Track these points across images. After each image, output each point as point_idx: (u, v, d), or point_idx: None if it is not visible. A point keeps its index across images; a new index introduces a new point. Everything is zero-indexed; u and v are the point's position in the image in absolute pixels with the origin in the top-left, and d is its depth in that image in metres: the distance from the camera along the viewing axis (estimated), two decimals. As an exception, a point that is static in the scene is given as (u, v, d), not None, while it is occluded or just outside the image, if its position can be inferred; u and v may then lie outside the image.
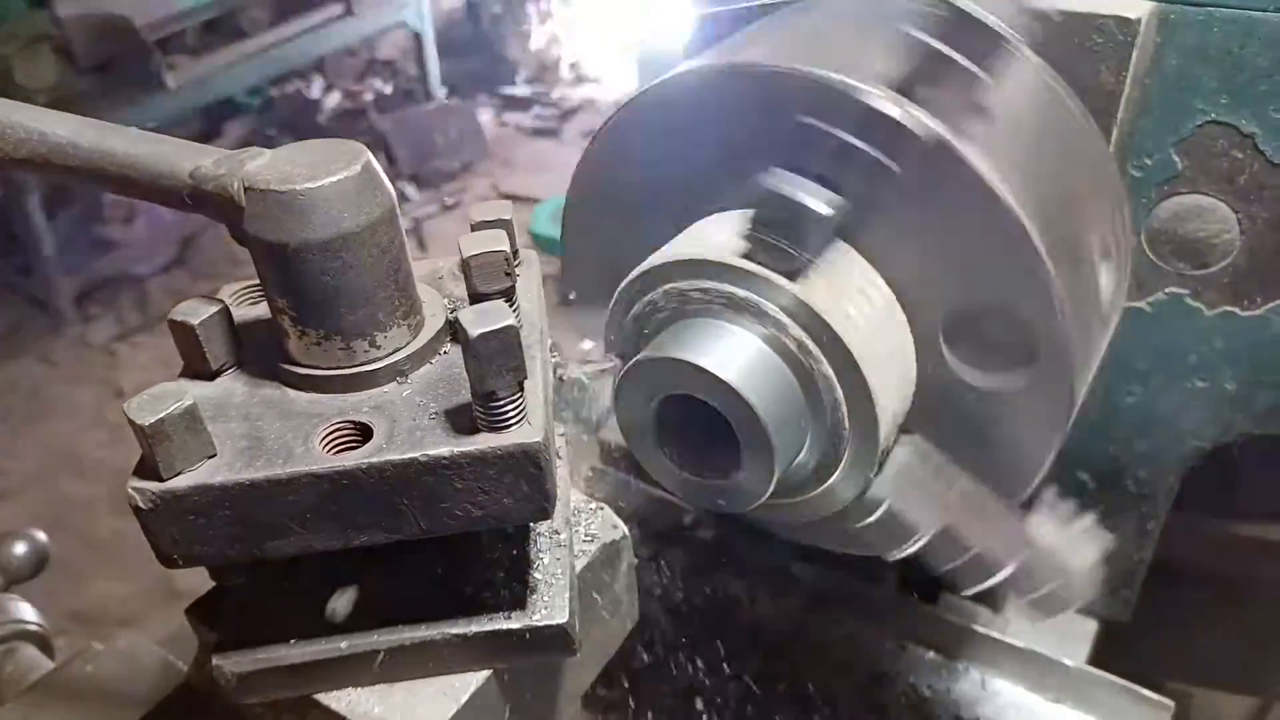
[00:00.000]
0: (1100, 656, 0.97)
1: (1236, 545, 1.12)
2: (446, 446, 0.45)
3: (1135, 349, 0.81)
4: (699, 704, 0.91)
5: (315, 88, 5.82)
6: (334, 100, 5.80)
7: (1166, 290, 0.78)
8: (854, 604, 0.97)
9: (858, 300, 0.59)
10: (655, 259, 0.65)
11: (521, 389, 0.46)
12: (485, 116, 6.11)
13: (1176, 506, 0.93)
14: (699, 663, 0.93)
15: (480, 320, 0.43)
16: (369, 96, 5.78)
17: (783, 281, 0.57)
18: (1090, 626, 0.96)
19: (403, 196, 5.39)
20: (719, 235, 0.63)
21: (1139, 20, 0.67)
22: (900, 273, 0.62)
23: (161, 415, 0.44)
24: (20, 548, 1.11)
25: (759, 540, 0.93)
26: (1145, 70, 0.70)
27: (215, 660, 0.52)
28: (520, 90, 6.36)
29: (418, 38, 5.52)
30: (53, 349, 4.73)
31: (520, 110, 6.26)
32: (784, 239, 0.56)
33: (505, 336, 0.43)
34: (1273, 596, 1.06)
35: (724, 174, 0.65)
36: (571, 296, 0.77)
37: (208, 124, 5.55)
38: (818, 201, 0.55)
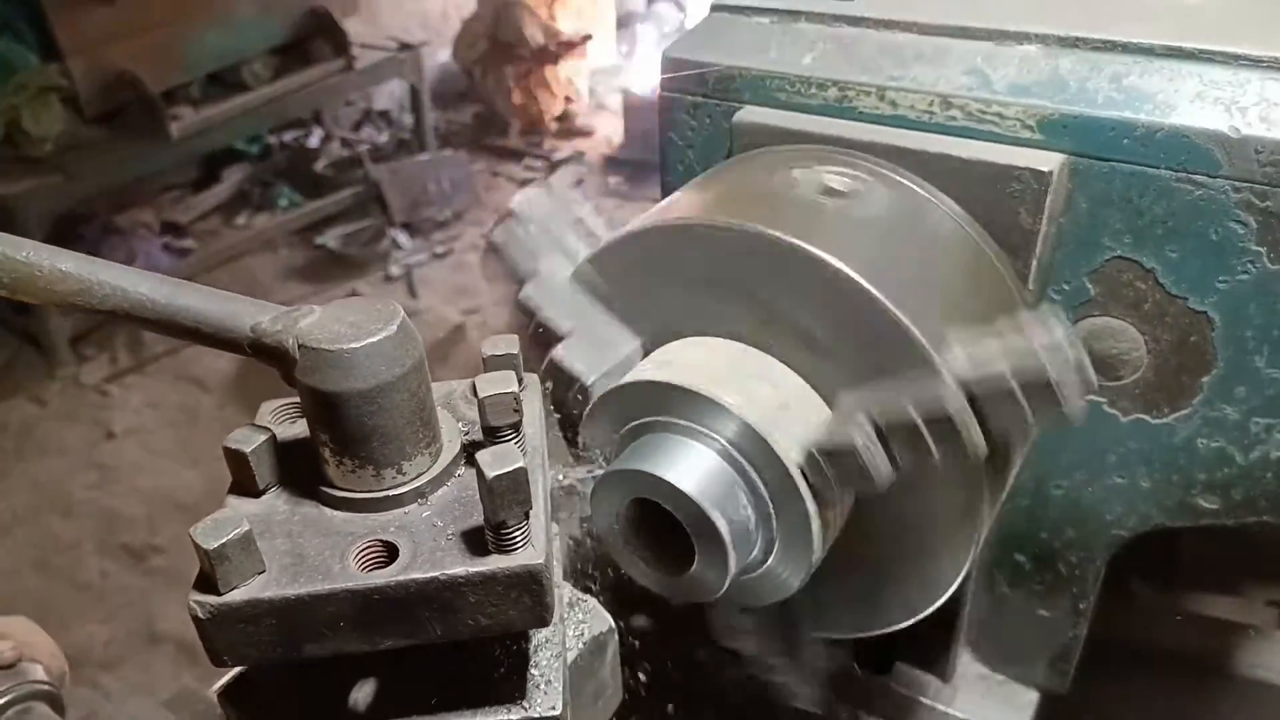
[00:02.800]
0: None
1: (1172, 619, 1.21)
2: (462, 567, 0.53)
3: (1062, 448, 0.90)
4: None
5: (314, 137, 5.94)
6: (332, 150, 5.91)
7: (1086, 399, 0.87)
8: (812, 674, 1.05)
9: (796, 413, 0.68)
10: (629, 378, 0.74)
11: (527, 517, 0.54)
12: (477, 167, 6.24)
13: (1121, 579, 1.02)
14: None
15: (496, 463, 0.51)
16: (365, 146, 5.90)
17: (739, 411, 0.66)
18: (1032, 696, 1.04)
19: (395, 244, 5.49)
20: (691, 361, 0.72)
21: (1051, 172, 0.77)
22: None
23: (223, 541, 0.51)
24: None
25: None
26: (1060, 211, 0.80)
27: (249, 745, 0.59)
28: (512, 142, 6.51)
29: (414, 90, 5.65)
30: (45, 389, 4.77)
31: (512, 161, 6.40)
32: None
33: (516, 477, 0.51)
34: (1203, 666, 1.14)
35: (685, 311, 0.75)
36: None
37: (207, 170, 5.65)
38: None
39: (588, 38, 6.66)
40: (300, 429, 0.63)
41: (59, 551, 3.92)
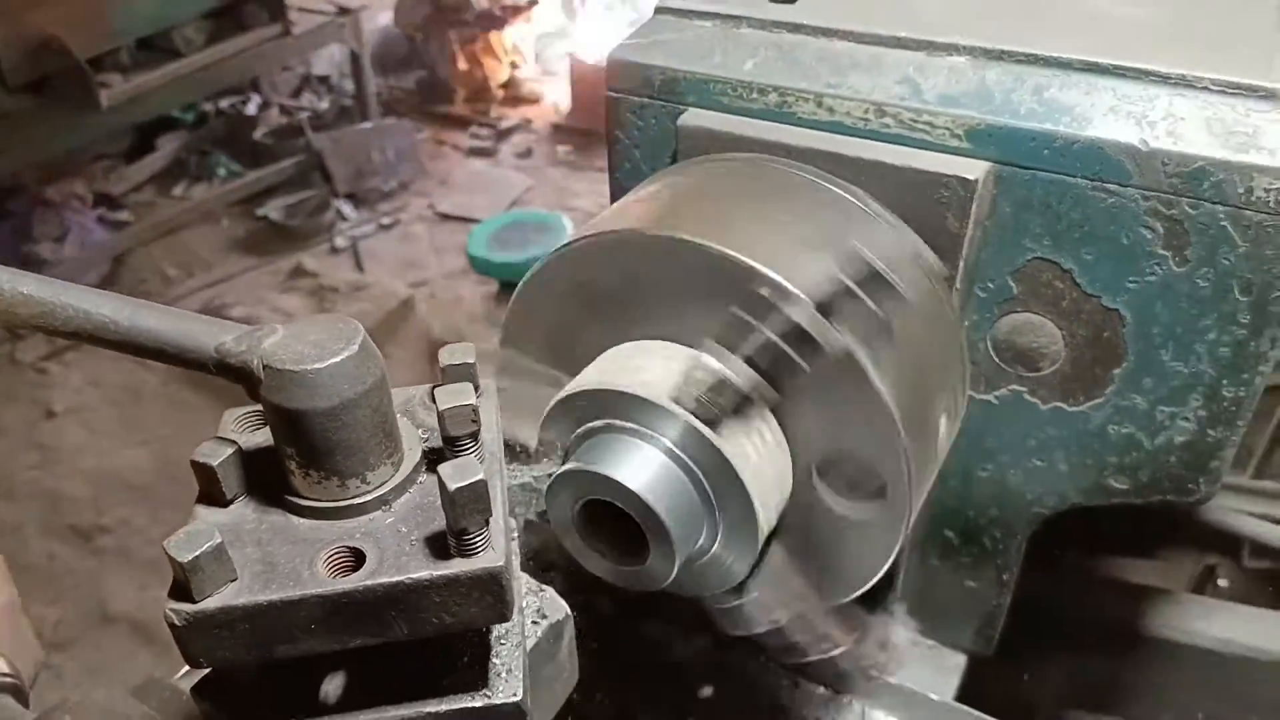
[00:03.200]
0: (970, 685, 1.12)
1: (1091, 584, 1.29)
2: (426, 571, 0.57)
3: (986, 433, 0.96)
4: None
5: (251, 104, 5.81)
6: (270, 117, 5.79)
7: (1009, 388, 0.93)
8: (755, 645, 1.11)
9: (754, 437, 0.72)
10: (585, 383, 0.77)
11: (487, 524, 0.58)
12: (422, 135, 6.16)
13: (1046, 548, 1.09)
14: (618, 699, 1.05)
15: (457, 476, 0.55)
16: (305, 114, 5.79)
17: (697, 425, 0.70)
18: (960, 660, 1.11)
19: (339, 215, 5.42)
20: (646, 368, 0.75)
21: (977, 180, 0.82)
22: (791, 423, 0.76)
23: (197, 553, 0.54)
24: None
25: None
26: (985, 215, 0.85)
27: (224, 738, 0.63)
28: (457, 109, 6.43)
29: (354, 56, 5.55)
30: (-20, 368, 4.65)
31: (458, 129, 6.33)
32: (709, 397, 0.70)
33: (477, 489, 0.55)
34: (1121, 629, 1.22)
35: (645, 316, 0.79)
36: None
37: (141, 139, 5.50)
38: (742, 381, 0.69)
39: (533, 2, 6.59)
40: (264, 437, 0.65)
41: (2, 534, 3.86)
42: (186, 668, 1.22)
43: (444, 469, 0.55)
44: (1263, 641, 1.19)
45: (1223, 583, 1.80)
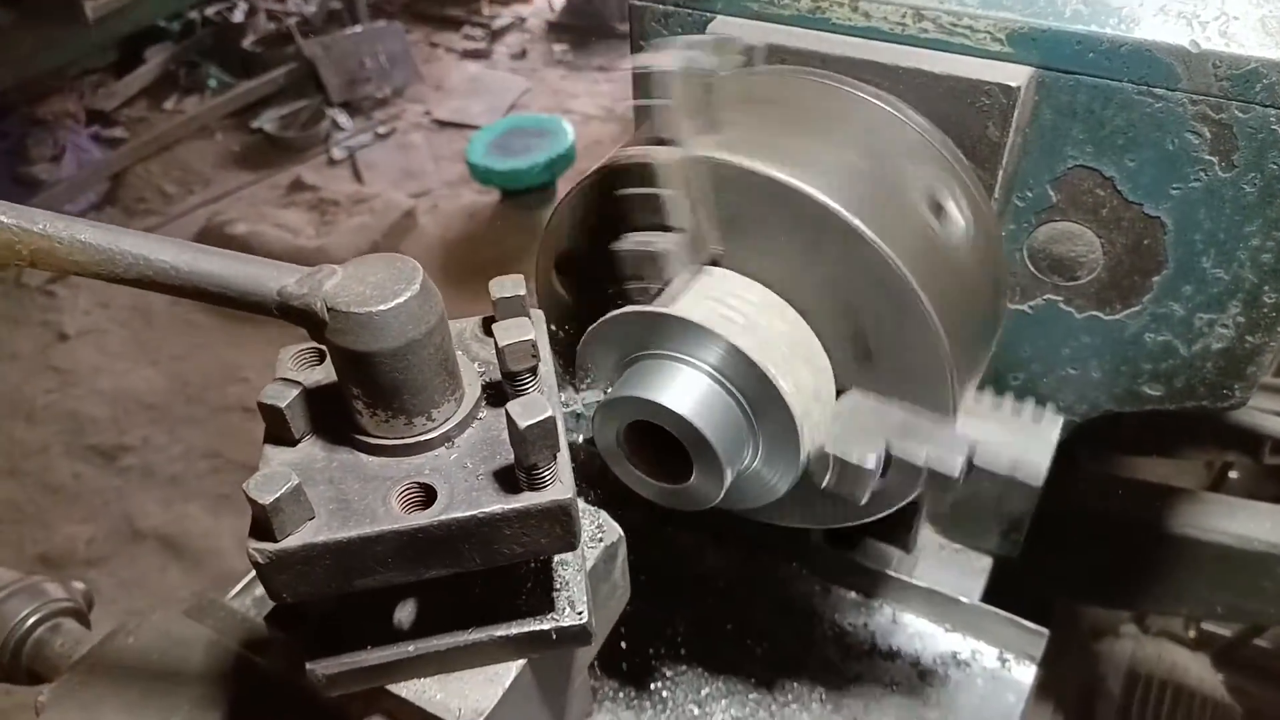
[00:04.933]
0: (996, 586, 1.16)
1: (1111, 483, 1.32)
2: (499, 504, 0.58)
3: (1020, 343, 0.97)
4: (659, 645, 1.07)
5: (238, 10, 5.63)
6: (258, 24, 5.62)
7: (1044, 297, 0.93)
8: (786, 553, 1.14)
9: (778, 339, 0.73)
10: (621, 310, 0.77)
11: (555, 458, 0.59)
12: (413, 37, 5.99)
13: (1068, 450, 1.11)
14: (656, 609, 1.09)
15: (526, 414, 0.56)
16: (294, 19, 5.61)
17: (723, 333, 0.71)
18: (986, 563, 1.15)
19: (335, 125, 5.32)
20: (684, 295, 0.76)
21: (1019, 87, 0.80)
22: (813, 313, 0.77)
23: (277, 494, 0.56)
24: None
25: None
26: (1025, 122, 0.84)
27: (309, 665, 0.65)
28: (448, 9, 6.23)
29: (342, -43, 5.35)
30: (-14, 294, 4.64)
31: (450, 29, 6.15)
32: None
33: (546, 425, 0.56)
34: (1141, 527, 1.25)
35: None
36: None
37: (126, 51, 5.35)
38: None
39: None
40: (323, 375, 0.66)
41: (27, 456, 3.92)
42: (237, 587, 1.26)
43: (513, 407, 0.56)
44: (1281, 535, 1.22)
45: (1234, 475, 1.83)
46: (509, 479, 0.60)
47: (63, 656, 1.12)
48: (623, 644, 1.05)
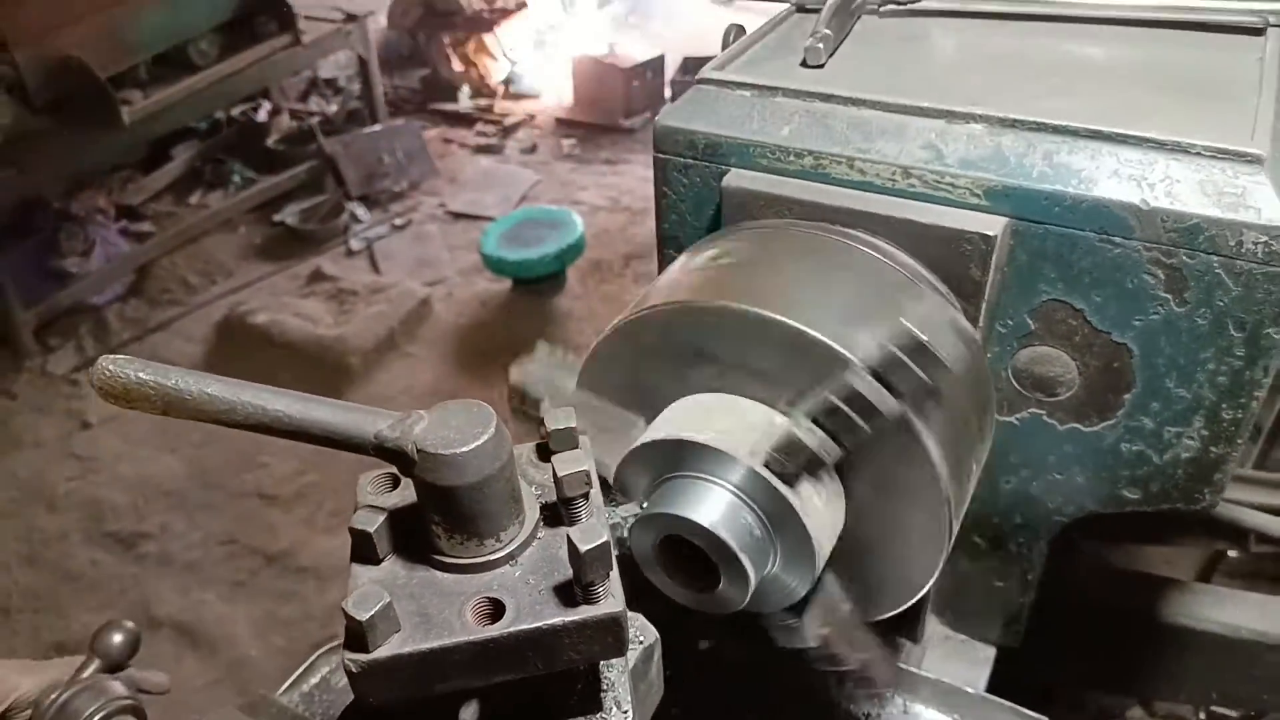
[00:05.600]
0: (1001, 675, 1.24)
1: (1107, 575, 1.41)
2: (559, 617, 0.68)
3: (1010, 450, 1.07)
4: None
5: (262, 110, 5.89)
6: (283, 123, 5.87)
7: (1029, 411, 1.04)
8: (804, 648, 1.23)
9: (816, 485, 0.84)
10: (654, 434, 0.88)
11: (609, 576, 0.69)
12: (430, 134, 6.24)
13: (1068, 539, 1.21)
14: (678, 697, 1.17)
15: (585, 538, 0.66)
16: (316, 118, 5.87)
17: (765, 475, 0.82)
18: (989, 653, 1.23)
19: (354, 218, 5.52)
20: (717, 422, 0.87)
21: (996, 235, 0.92)
22: (849, 473, 0.87)
23: (372, 612, 0.66)
24: (117, 637, 1.28)
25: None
26: (1003, 263, 0.96)
27: (382, 760, 0.75)
28: (463, 107, 6.51)
29: (362, 61, 5.62)
30: (13, 381, 4.78)
31: (464, 127, 6.41)
32: (782, 455, 0.82)
33: (604, 549, 0.66)
34: (1134, 615, 1.34)
35: (717, 375, 0.90)
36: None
37: (155, 149, 5.59)
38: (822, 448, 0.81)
39: (522, 4, 6.63)
40: (398, 498, 0.77)
41: (47, 544, 4.00)
42: (285, 685, 1.35)
43: (574, 533, 0.67)
44: (1269, 626, 1.30)
45: (1232, 553, 1.91)
46: (568, 593, 0.70)
47: None
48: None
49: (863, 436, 0.79)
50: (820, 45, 1.09)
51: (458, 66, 6.36)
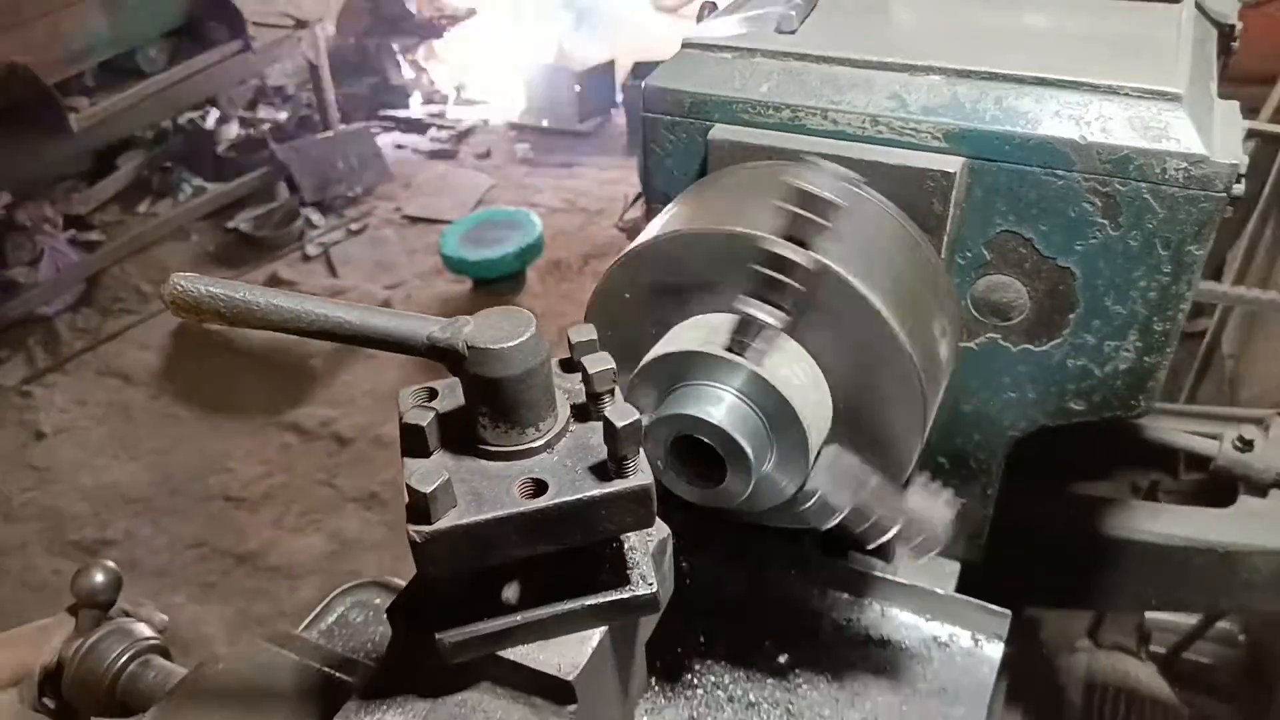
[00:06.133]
0: (963, 589, 1.36)
1: (1055, 500, 1.54)
2: (597, 489, 0.78)
3: (969, 375, 1.19)
4: (686, 649, 1.25)
5: (210, 118, 5.87)
6: (231, 130, 5.86)
7: (986, 336, 1.16)
8: (787, 568, 1.34)
9: (794, 369, 0.94)
10: (661, 350, 0.98)
11: (639, 452, 0.79)
12: (383, 140, 6.28)
13: (1022, 474, 1.33)
14: (679, 622, 1.26)
15: (620, 416, 0.76)
16: (266, 126, 5.87)
17: (749, 366, 0.92)
18: (954, 567, 1.35)
19: (308, 223, 5.53)
20: (702, 331, 0.97)
21: (955, 173, 1.04)
22: (819, 353, 0.98)
23: (435, 485, 0.75)
24: (99, 577, 1.30)
25: (713, 525, 1.27)
26: (962, 199, 1.08)
27: (437, 636, 0.83)
28: (415, 113, 6.55)
29: (313, 67, 5.65)
30: (-36, 396, 4.69)
31: (417, 133, 6.46)
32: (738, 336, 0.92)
33: (636, 425, 0.76)
34: (1078, 533, 1.48)
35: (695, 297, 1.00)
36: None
37: (101, 160, 5.54)
38: (767, 316, 0.91)
39: (472, 11, 6.72)
40: (438, 406, 0.86)
41: (6, 555, 3.95)
42: (304, 622, 1.41)
43: (610, 412, 0.76)
44: (1198, 533, 1.45)
45: (1164, 496, 2.08)
46: (602, 471, 0.79)
47: (155, 687, 1.25)
48: (657, 661, 1.23)
49: (798, 294, 0.89)
50: (793, 13, 1.21)
51: (409, 73, 6.41)
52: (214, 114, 5.93)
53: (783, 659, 1.22)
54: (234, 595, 3.70)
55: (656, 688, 1.20)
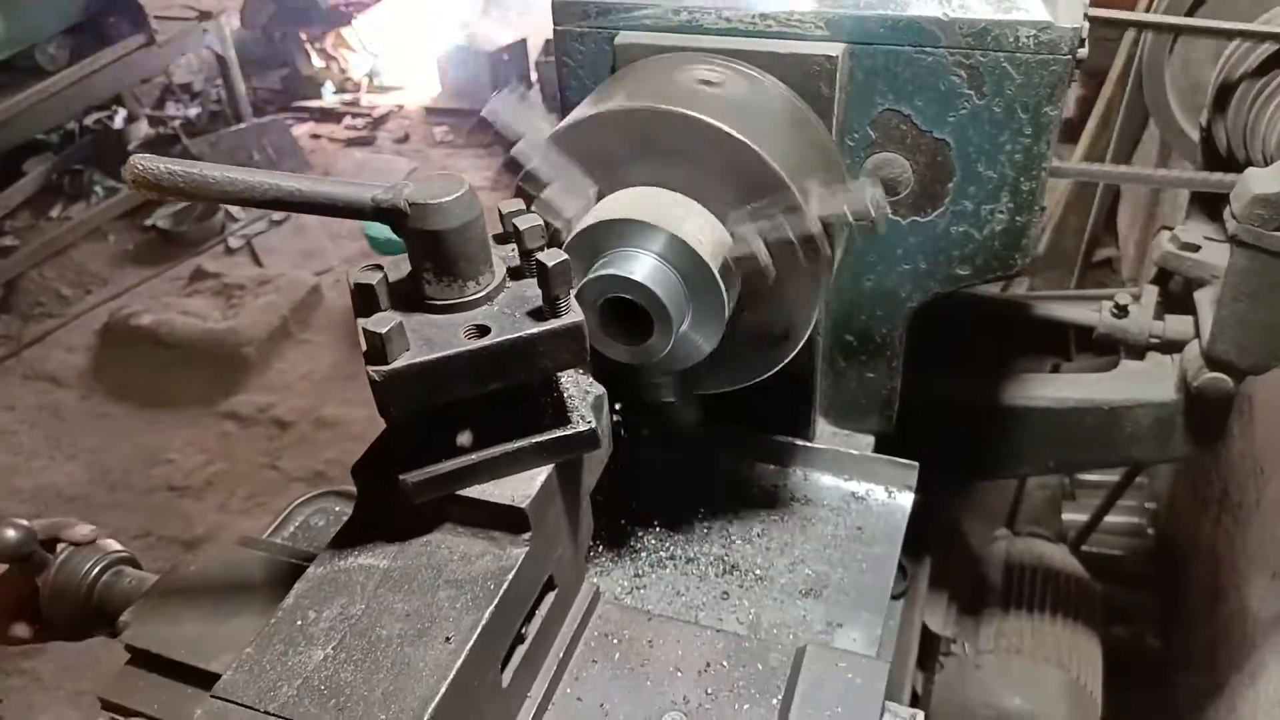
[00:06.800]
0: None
1: (967, 378, 1.69)
2: (535, 328, 0.88)
3: (867, 251, 1.32)
4: (629, 516, 1.35)
5: (118, 118, 5.76)
6: (141, 130, 5.76)
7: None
8: (718, 443, 1.45)
9: (704, 229, 1.05)
10: (591, 219, 1.08)
11: (569, 293, 0.89)
12: (298, 130, 6.23)
13: (929, 362, 1.47)
14: (622, 492, 1.35)
15: (551, 257, 0.86)
16: (177, 122, 5.78)
17: (667, 228, 1.03)
18: (868, 440, 1.48)
19: (229, 216, 5.48)
20: (629, 202, 1.07)
21: (838, 56, 1.16)
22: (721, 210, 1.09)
23: (389, 327, 0.83)
24: (9, 533, 1.28)
25: (650, 414, 1.36)
26: (846, 82, 1.20)
27: (401, 477, 0.92)
28: (328, 102, 6.51)
29: (220, 59, 5.58)
30: (-116, 409, 4.56)
31: (332, 122, 6.42)
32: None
33: (565, 265, 0.86)
34: (980, 404, 1.62)
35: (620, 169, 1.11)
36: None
37: (6, 165, 5.41)
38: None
39: (378, -3, 6.70)
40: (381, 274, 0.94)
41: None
42: (269, 529, 1.48)
43: (540, 255, 0.86)
44: (1086, 394, 1.60)
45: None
46: (538, 314, 0.89)
47: (132, 592, 1.28)
48: (603, 531, 1.33)
49: (787, 253, 1.01)
50: (684, -76, 1.31)
51: (318, 62, 6.36)
52: (121, 113, 5.82)
53: (717, 522, 1.33)
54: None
55: (604, 552, 1.30)
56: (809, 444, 1.43)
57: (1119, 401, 1.57)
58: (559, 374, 0.99)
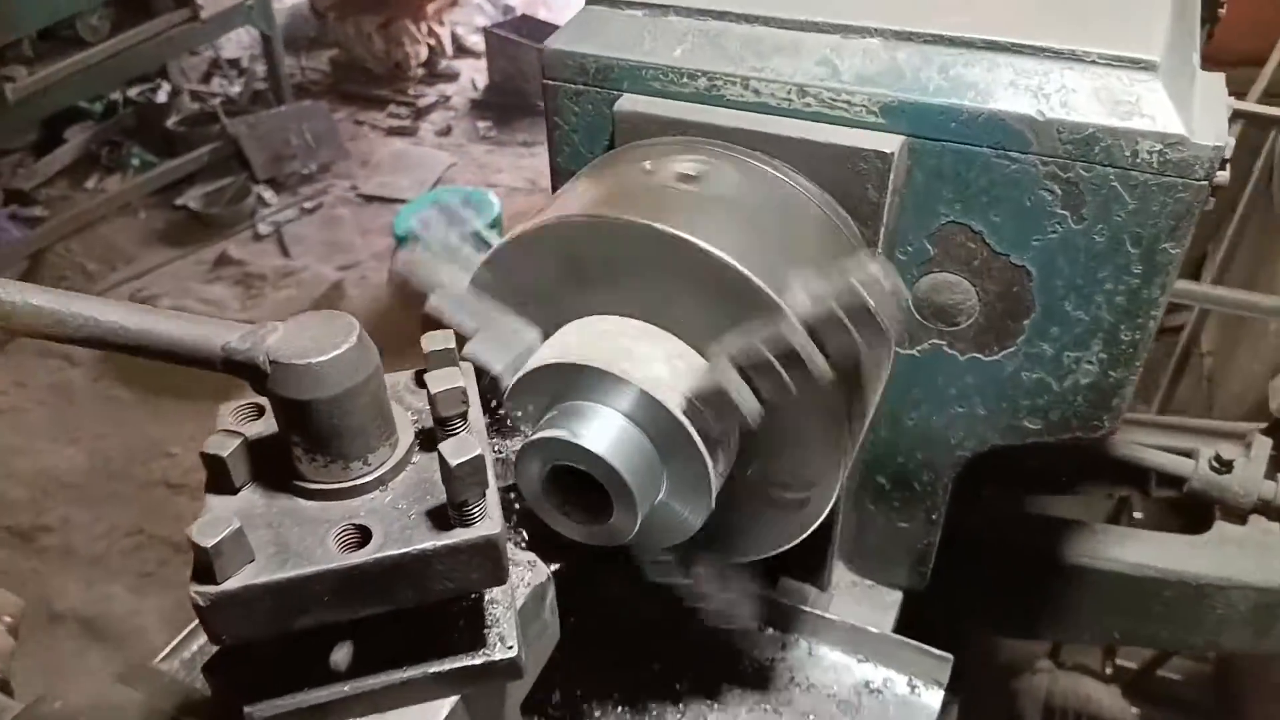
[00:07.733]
0: (909, 620, 1.22)
1: (1013, 519, 1.41)
2: (430, 542, 0.63)
3: (912, 384, 1.05)
4: (589, 687, 1.11)
5: (161, 92, 5.64)
6: (182, 104, 5.63)
7: (930, 342, 1.02)
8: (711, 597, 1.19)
9: (677, 369, 0.80)
10: (538, 362, 0.83)
11: (484, 495, 0.64)
12: (339, 116, 6.06)
13: (973, 485, 1.19)
14: (584, 653, 1.12)
15: (457, 452, 0.61)
16: (218, 100, 5.64)
17: (633, 380, 0.77)
18: (896, 596, 1.22)
19: (261, 201, 5.33)
20: (587, 340, 0.82)
21: (892, 153, 0.90)
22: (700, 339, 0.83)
23: (219, 538, 0.60)
24: None
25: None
26: (901, 184, 0.93)
27: (246, 710, 0.68)
28: (374, 89, 6.33)
29: (265, 38, 5.42)
30: (-98, 375, 4.48)
31: (376, 109, 6.24)
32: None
33: (476, 463, 0.61)
34: (1040, 558, 1.34)
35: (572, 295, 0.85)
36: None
37: (47, 133, 5.31)
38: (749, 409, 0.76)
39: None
40: (263, 428, 0.71)
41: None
42: (164, 651, 1.26)
43: (444, 446, 0.61)
44: (1169, 563, 1.31)
45: (1138, 515, 1.95)
46: (441, 517, 0.65)
47: None
48: (555, 692, 1.09)
49: (785, 396, 0.75)
50: (713, -35, 1.05)
51: (379, 48, 6.18)
52: (165, 88, 5.69)
53: (693, 705, 1.08)
54: (172, 586, 3.54)
55: (552, 736, 1.06)
56: (818, 612, 1.16)
57: (1211, 579, 1.28)
58: (478, 574, 0.74)
